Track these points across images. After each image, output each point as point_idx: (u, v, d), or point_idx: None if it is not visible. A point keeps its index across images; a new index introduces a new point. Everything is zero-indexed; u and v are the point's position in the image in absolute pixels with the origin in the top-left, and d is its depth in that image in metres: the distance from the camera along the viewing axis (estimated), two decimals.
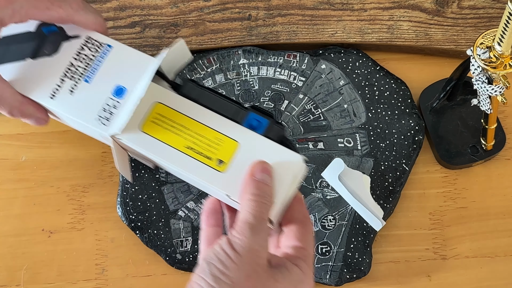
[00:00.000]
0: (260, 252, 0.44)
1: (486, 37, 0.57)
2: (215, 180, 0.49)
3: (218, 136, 0.50)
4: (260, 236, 0.44)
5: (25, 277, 0.66)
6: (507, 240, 0.66)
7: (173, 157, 0.50)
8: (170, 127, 0.50)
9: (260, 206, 0.46)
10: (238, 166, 0.49)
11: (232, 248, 0.44)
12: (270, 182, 0.47)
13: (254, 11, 0.73)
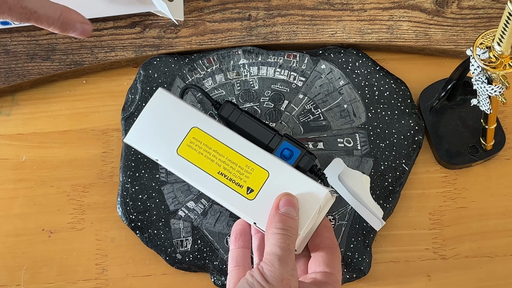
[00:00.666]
0: (291, 281, 0.46)
1: (486, 37, 0.57)
2: (243, 208, 0.51)
3: (250, 164, 0.52)
4: (288, 266, 0.46)
5: (25, 277, 0.66)
6: (506, 240, 0.66)
7: (205, 182, 0.53)
8: (204, 152, 0.53)
9: (286, 239, 0.48)
10: (266, 195, 0.51)
11: (264, 278, 0.46)
12: (295, 214, 0.49)
13: (254, 11, 0.73)
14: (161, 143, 0.54)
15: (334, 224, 0.66)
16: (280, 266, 0.46)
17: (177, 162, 0.53)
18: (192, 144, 0.53)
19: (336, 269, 0.51)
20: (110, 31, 0.73)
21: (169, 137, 0.54)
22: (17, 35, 0.73)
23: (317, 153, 0.68)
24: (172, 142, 0.53)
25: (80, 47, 0.73)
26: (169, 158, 0.53)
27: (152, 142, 0.54)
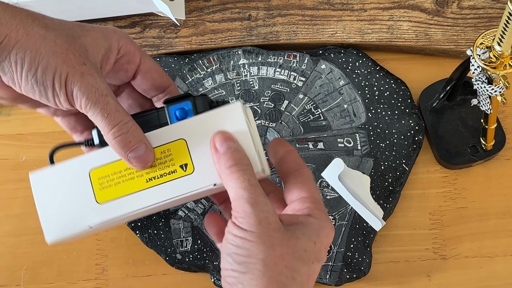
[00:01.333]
0: (269, 218, 0.43)
1: (486, 37, 0.57)
2: (194, 184, 0.47)
3: (162, 148, 0.47)
4: (259, 203, 0.43)
5: (25, 277, 0.66)
6: (507, 240, 0.66)
7: (148, 198, 0.47)
8: (118, 179, 0.48)
9: (243, 174, 0.44)
10: (200, 156, 0.47)
11: (241, 229, 0.42)
12: (237, 145, 0.45)
13: (254, 11, 0.73)
14: (79, 211, 0.48)
15: (334, 224, 0.65)
16: (251, 207, 0.42)
17: (108, 209, 0.47)
18: (103, 184, 0.48)
19: (311, 190, 0.47)
20: None
21: (80, 200, 0.48)
22: None
23: (317, 153, 0.68)
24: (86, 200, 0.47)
25: None
26: (98, 214, 0.47)
27: (72, 219, 0.49)
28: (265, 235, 0.42)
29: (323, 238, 0.45)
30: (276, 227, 0.43)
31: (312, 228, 0.44)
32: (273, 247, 0.42)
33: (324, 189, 0.67)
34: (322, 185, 0.67)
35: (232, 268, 0.42)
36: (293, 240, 0.43)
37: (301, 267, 0.43)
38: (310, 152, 0.68)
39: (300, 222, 0.45)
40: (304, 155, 0.68)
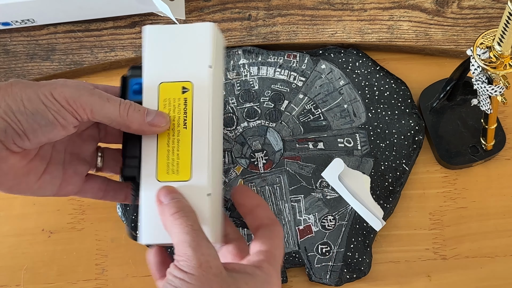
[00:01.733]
0: (210, 261, 0.43)
1: (486, 37, 0.57)
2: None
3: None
4: (201, 247, 0.44)
5: (25, 277, 0.66)
6: (507, 240, 0.66)
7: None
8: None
9: (185, 221, 0.45)
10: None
11: (181, 270, 0.43)
12: (181, 197, 0.47)
13: (254, 11, 0.73)
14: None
15: (334, 224, 0.65)
16: (193, 251, 0.43)
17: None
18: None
19: (272, 245, 0.48)
20: (110, 31, 0.73)
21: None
22: (16, 35, 0.73)
23: (317, 153, 0.68)
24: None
25: (80, 47, 0.73)
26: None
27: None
28: (204, 279, 0.42)
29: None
30: (217, 272, 0.43)
31: (257, 280, 0.45)
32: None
33: (324, 189, 0.67)
34: (322, 185, 0.67)
35: None
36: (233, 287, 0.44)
37: None
38: (310, 152, 0.68)
39: (246, 272, 0.45)
40: (304, 155, 0.68)
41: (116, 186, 0.56)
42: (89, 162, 0.55)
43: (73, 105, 0.47)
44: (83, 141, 0.54)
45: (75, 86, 0.47)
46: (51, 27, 0.73)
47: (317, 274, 0.64)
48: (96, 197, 0.55)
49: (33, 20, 0.71)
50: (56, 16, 0.72)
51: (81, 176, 0.54)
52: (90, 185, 0.55)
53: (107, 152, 0.56)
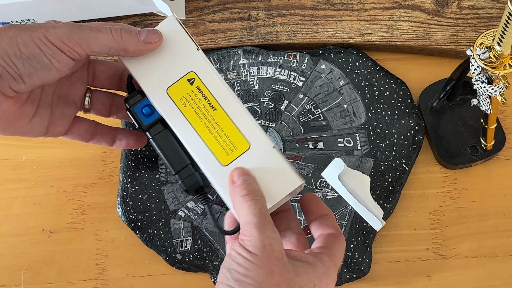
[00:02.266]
0: (274, 245, 0.44)
1: (486, 37, 0.57)
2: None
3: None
4: (267, 230, 0.45)
5: (25, 277, 0.66)
6: (507, 240, 0.66)
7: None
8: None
9: (255, 203, 0.46)
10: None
11: (246, 250, 0.44)
12: (253, 180, 0.48)
13: (254, 11, 0.73)
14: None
15: None
16: (259, 232, 0.44)
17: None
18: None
19: (335, 247, 0.49)
20: None
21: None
22: None
23: (317, 153, 0.68)
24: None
25: None
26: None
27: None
28: (266, 260, 0.43)
29: (323, 284, 0.46)
30: (279, 256, 0.44)
31: (316, 270, 0.46)
32: (272, 274, 0.43)
33: (324, 189, 0.67)
34: (322, 185, 0.67)
35: (228, 283, 0.43)
36: (292, 274, 0.44)
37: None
38: (310, 152, 0.68)
39: (307, 261, 0.46)
40: (304, 155, 0.68)
41: (104, 130, 0.59)
42: (77, 105, 0.57)
43: (69, 43, 0.48)
44: (71, 84, 0.56)
45: (65, 26, 0.49)
46: None
47: None
48: (84, 139, 0.58)
49: (33, 20, 0.71)
50: (56, 16, 0.71)
51: (69, 118, 0.56)
52: (77, 127, 0.58)
53: (95, 94, 0.58)
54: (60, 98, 0.56)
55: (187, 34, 0.52)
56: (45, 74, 0.49)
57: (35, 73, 0.49)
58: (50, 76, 0.49)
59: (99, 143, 0.59)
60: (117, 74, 0.58)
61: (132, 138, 0.61)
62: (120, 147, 0.61)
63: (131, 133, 0.61)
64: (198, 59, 0.52)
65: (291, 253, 0.47)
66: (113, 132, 0.60)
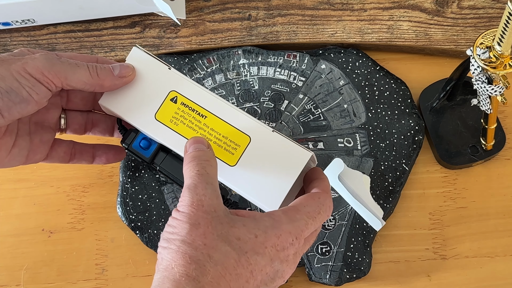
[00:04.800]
0: (203, 200, 0.44)
1: (486, 37, 0.57)
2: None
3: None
4: (197, 189, 0.45)
5: (25, 277, 0.66)
6: (507, 240, 0.66)
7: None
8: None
9: (194, 167, 0.46)
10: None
11: (177, 210, 0.45)
12: (204, 147, 0.48)
13: (254, 11, 0.73)
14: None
15: (334, 224, 0.65)
16: (189, 192, 0.45)
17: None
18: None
19: (301, 203, 0.48)
20: (110, 31, 0.73)
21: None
22: (17, 35, 0.73)
23: (317, 153, 0.68)
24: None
25: (80, 47, 0.73)
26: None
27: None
28: (193, 215, 0.44)
29: (270, 236, 0.45)
30: (209, 209, 0.44)
31: (260, 223, 0.45)
32: (197, 226, 0.43)
33: None
34: None
35: (160, 244, 0.44)
36: (226, 226, 0.44)
37: (224, 249, 0.43)
38: None
39: (251, 216, 0.46)
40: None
41: (82, 149, 0.59)
42: (53, 129, 0.57)
43: (48, 75, 0.49)
44: (47, 110, 0.56)
45: (44, 57, 0.49)
46: (51, 27, 0.73)
47: (317, 274, 0.64)
48: (64, 161, 0.58)
49: (33, 20, 0.71)
50: (56, 16, 0.72)
51: (48, 144, 0.56)
52: (56, 151, 0.57)
53: (70, 114, 0.58)
54: (37, 125, 0.56)
55: (155, 59, 0.53)
56: (24, 107, 0.49)
57: (14, 107, 0.48)
58: (29, 109, 0.49)
59: (79, 163, 0.59)
60: (91, 95, 0.58)
61: (111, 153, 0.60)
62: (100, 163, 0.60)
63: (109, 148, 0.60)
64: (173, 77, 0.53)
65: (239, 212, 0.46)
66: (91, 150, 0.60)
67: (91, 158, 0.60)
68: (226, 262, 0.43)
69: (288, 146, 0.50)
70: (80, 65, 0.51)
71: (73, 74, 0.50)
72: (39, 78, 0.49)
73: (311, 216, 0.48)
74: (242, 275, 0.43)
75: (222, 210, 0.45)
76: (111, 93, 0.53)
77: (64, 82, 0.50)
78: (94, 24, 0.73)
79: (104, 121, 0.59)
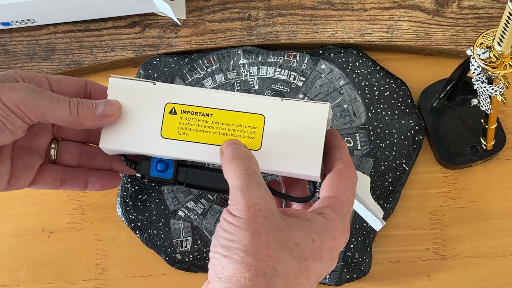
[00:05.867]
0: (260, 204, 0.43)
1: (486, 37, 0.57)
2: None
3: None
4: (251, 191, 0.43)
5: (25, 277, 0.66)
6: (507, 240, 0.66)
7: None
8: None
9: (240, 165, 0.45)
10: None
11: (231, 214, 0.43)
12: (241, 146, 0.47)
13: (254, 11, 0.73)
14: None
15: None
16: (242, 194, 0.43)
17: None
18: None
19: (339, 190, 0.46)
20: (109, 31, 0.73)
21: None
22: (16, 35, 0.73)
23: None
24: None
25: (80, 47, 0.73)
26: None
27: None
28: (252, 221, 0.42)
29: (326, 239, 0.44)
30: (267, 214, 0.43)
31: (315, 225, 0.44)
32: (258, 234, 0.42)
33: None
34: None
35: (216, 250, 0.43)
36: (285, 232, 0.43)
37: (287, 259, 0.42)
38: None
39: (305, 218, 0.44)
40: None
41: (74, 174, 0.55)
42: (41, 155, 0.54)
43: (24, 109, 0.46)
44: (33, 134, 0.53)
45: (24, 89, 0.47)
46: (51, 27, 0.73)
47: None
48: (52, 187, 0.55)
49: (33, 20, 0.71)
50: (56, 16, 0.72)
51: (32, 170, 0.53)
52: (43, 177, 0.54)
53: (62, 144, 0.55)
54: (21, 149, 0.53)
55: (136, 80, 0.51)
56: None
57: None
58: (3, 139, 0.47)
59: (70, 189, 0.55)
60: None
61: (106, 179, 0.56)
62: (94, 190, 0.56)
63: (104, 174, 0.56)
64: (161, 90, 0.50)
65: (288, 211, 0.45)
66: (84, 176, 0.55)
67: (83, 185, 0.55)
68: (289, 273, 0.42)
69: (302, 107, 0.49)
70: (61, 101, 0.48)
71: (52, 111, 0.47)
72: (13, 110, 0.46)
73: (351, 203, 0.47)
74: (301, 283, 0.43)
75: (277, 212, 0.43)
76: (107, 133, 0.50)
77: (41, 118, 0.47)
78: (94, 24, 0.73)
79: (102, 153, 0.53)
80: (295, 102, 0.49)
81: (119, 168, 0.56)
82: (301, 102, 0.49)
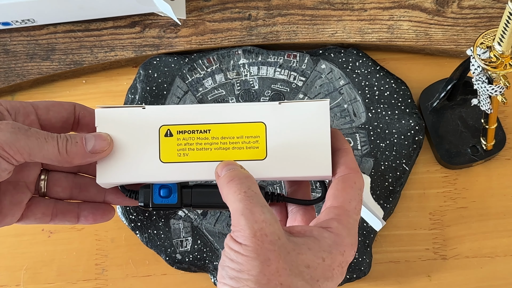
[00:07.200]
0: (265, 229, 0.40)
1: (486, 37, 0.57)
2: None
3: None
4: (254, 215, 0.41)
5: (25, 277, 0.66)
6: (507, 240, 0.66)
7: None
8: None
9: (240, 187, 0.43)
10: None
11: (237, 242, 0.41)
12: (236, 166, 0.45)
13: (254, 11, 0.73)
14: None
15: None
16: (246, 220, 0.40)
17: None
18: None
19: (345, 199, 0.44)
20: (109, 30, 0.73)
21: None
22: (16, 35, 0.73)
23: None
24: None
25: (80, 47, 0.73)
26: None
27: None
28: (260, 249, 0.40)
29: (336, 255, 0.42)
30: (274, 239, 0.41)
31: (323, 243, 0.42)
32: (268, 262, 0.40)
33: None
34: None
35: (224, 282, 0.41)
36: (294, 255, 0.41)
37: (299, 284, 0.41)
38: None
39: (311, 236, 0.43)
40: None
41: (65, 208, 0.52)
42: (30, 189, 0.51)
43: (9, 151, 0.44)
44: (21, 168, 0.50)
45: (9, 130, 0.44)
46: (51, 27, 0.73)
47: None
48: (42, 222, 0.52)
49: (33, 20, 0.71)
50: (56, 16, 0.72)
51: (21, 205, 0.50)
52: (32, 212, 0.51)
53: (52, 175, 0.52)
54: (8, 184, 0.49)
55: (124, 108, 0.48)
56: None
57: None
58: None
59: (61, 223, 0.52)
60: None
61: (99, 212, 0.53)
62: (86, 224, 0.53)
63: (97, 207, 0.53)
64: (152, 113, 0.48)
65: (293, 229, 0.43)
66: (76, 209, 0.52)
67: (75, 219, 0.52)
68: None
69: (302, 107, 0.47)
70: (48, 139, 0.45)
71: (39, 151, 0.45)
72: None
73: (358, 212, 0.45)
74: None
75: (284, 234, 0.41)
76: (103, 167, 0.48)
77: (27, 158, 0.45)
78: (94, 24, 0.73)
79: (95, 185, 0.49)
80: (294, 104, 0.48)
81: (114, 200, 0.53)
82: (300, 103, 0.48)
